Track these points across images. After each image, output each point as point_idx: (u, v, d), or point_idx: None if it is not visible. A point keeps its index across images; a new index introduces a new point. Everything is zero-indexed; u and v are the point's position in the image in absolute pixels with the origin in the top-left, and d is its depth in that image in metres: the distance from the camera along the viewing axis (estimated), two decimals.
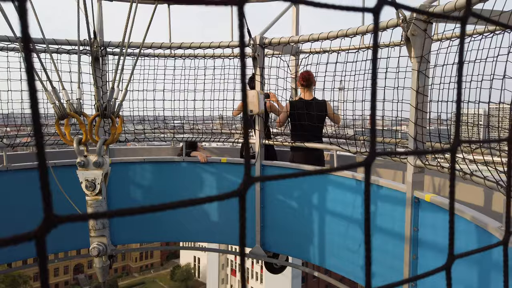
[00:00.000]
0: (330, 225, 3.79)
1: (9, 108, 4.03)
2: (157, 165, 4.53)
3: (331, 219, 3.79)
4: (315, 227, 3.94)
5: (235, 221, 4.55)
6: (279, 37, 4.02)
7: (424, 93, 2.82)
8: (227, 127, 4.87)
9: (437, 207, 2.72)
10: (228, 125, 4.88)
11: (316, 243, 3.95)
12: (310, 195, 3.98)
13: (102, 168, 2.65)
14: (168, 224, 4.50)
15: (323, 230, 3.87)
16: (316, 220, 3.93)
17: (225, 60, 4.59)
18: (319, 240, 3.92)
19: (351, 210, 3.58)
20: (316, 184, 3.89)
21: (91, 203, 2.68)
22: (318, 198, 3.93)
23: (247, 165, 0.39)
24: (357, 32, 3.42)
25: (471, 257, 2.07)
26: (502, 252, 0.52)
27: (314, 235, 3.95)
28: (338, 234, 3.72)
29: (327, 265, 3.86)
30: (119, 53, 3.49)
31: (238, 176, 4.41)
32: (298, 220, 4.07)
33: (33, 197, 4.03)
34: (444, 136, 3.12)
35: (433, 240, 2.84)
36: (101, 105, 2.80)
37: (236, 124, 4.82)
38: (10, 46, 4.04)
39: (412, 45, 2.77)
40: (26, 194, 4.04)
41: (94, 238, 2.74)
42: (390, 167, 4.33)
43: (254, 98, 3.98)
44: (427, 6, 2.70)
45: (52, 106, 2.71)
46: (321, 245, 3.90)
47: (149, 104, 4.64)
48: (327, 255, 3.85)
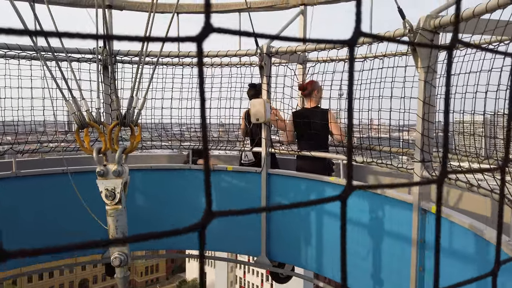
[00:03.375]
0: (336, 235, 3.75)
1: (19, 115, 4.10)
2: (164, 173, 4.55)
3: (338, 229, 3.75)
4: (320, 237, 3.90)
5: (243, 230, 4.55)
6: (286, 46, 4.04)
7: (431, 103, 2.79)
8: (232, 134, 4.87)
9: (444, 219, 2.68)
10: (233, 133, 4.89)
11: (321, 253, 3.91)
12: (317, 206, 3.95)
13: (122, 177, 2.63)
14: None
15: (328, 240, 3.83)
16: (322, 229, 3.89)
17: (232, 68, 4.62)
18: (324, 250, 3.88)
19: (358, 220, 3.55)
20: (322, 193, 3.86)
21: (111, 212, 2.63)
22: (324, 208, 3.90)
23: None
24: (363, 42, 3.42)
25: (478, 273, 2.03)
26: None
27: (319, 244, 3.92)
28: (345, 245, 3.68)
29: (332, 275, 3.82)
30: (138, 62, 3.51)
31: (245, 183, 4.40)
32: (303, 229, 4.05)
33: (41, 202, 4.11)
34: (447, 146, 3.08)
35: (441, 252, 2.79)
36: (120, 114, 2.79)
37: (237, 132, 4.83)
38: (21, 54, 4.11)
39: (418, 55, 2.75)
40: (35, 200, 4.10)
41: (114, 248, 2.70)
42: (394, 176, 4.28)
43: (261, 107, 3.99)
44: (434, 16, 2.69)
45: (72, 116, 2.69)
46: (326, 255, 3.87)
47: (157, 112, 4.69)
48: (332, 265, 3.81)
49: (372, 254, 3.44)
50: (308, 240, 4.00)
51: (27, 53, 4.05)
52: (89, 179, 2.88)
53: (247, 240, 4.41)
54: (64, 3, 4.53)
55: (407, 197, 3.05)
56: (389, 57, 3.79)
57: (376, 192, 3.34)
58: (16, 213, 4.04)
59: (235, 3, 4.78)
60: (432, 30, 2.68)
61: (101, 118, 2.73)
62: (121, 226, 2.55)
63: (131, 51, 4.45)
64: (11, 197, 4.01)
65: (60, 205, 4.09)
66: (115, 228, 2.53)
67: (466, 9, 2.43)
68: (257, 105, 4.01)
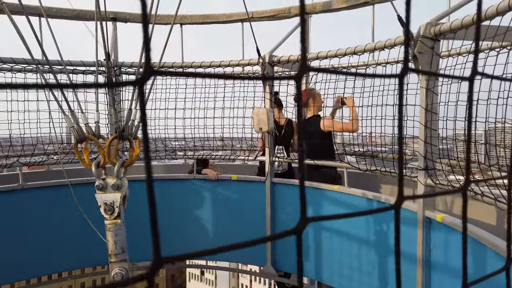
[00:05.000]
0: (342, 244, 3.72)
1: (25, 127, 4.16)
2: (168, 183, 4.56)
3: (343, 238, 3.72)
4: (327, 247, 3.87)
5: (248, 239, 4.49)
6: (288, 55, 4.05)
7: (433, 110, 2.77)
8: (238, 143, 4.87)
9: (449, 228, 2.64)
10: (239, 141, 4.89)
11: (327, 263, 3.88)
12: (322, 213, 3.93)
13: (121, 190, 2.61)
14: (177, 243, 4.46)
15: (335, 249, 3.79)
16: (328, 238, 3.86)
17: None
18: (330, 260, 3.84)
19: (361, 228, 3.51)
20: (328, 201, 3.83)
21: (110, 227, 2.59)
22: None
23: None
24: (365, 49, 3.41)
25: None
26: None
27: (325, 254, 3.88)
28: (350, 254, 3.64)
29: (338, 285, 3.77)
30: (137, 74, 3.55)
31: (249, 192, 4.39)
32: (310, 239, 4.01)
33: (48, 214, 4.14)
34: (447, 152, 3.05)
35: (446, 261, 2.75)
36: (119, 127, 2.78)
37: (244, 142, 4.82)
38: (28, 68, 4.18)
39: (419, 63, 2.74)
40: (41, 212, 4.13)
41: (114, 264, 2.63)
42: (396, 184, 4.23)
43: (264, 116, 3.99)
44: (434, 23, 2.68)
45: (71, 130, 2.68)
46: (333, 265, 3.83)
47: (161, 122, 4.71)
48: (339, 275, 3.76)
49: (376, 263, 3.40)
50: (315, 250, 3.97)
51: (32, 66, 4.11)
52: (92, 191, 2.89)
53: (253, 249, 4.39)
54: (69, 17, 4.61)
55: (411, 205, 3.01)
56: (392, 64, 3.78)
57: (380, 200, 3.31)
58: (22, 225, 4.07)
59: (237, 14, 4.81)
60: (432, 37, 2.67)
61: (100, 131, 2.74)
62: (120, 241, 2.53)
63: (135, 63, 4.50)
64: (18, 209, 4.05)
65: (65, 217, 4.12)
66: (114, 243, 2.51)
67: (465, 16, 2.42)
68: (260, 114, 4.01)
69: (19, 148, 4.16)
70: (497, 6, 2.18)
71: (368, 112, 3.53)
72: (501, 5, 2.16)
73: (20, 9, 2.51)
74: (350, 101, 3.87)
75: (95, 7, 2.71)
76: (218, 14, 4.94)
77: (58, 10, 4.53)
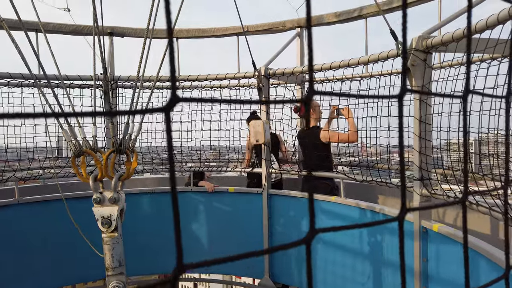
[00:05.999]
0: (340, 256, 3.72)
1: (22, 142, 4.16)
2: (165, 196, 4.55)
3: (340, 250, 3.72)
4: (325, 258, 3.87)
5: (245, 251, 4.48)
6: (283, 68, 4.10)
7: (427, 121, 2.81)
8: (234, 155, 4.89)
9: (445, 237, 2.66)
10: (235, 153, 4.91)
11: (325, 275, 3.87)
12: (319, 223, 3.93)
13: (118, 204, 2.62)
14: (169, 256, 4.44)
15: (333, 261, 3.79)
16: (326, 250, 3.86)
17: (232, 91, 4.68)
18: (328, 272, 3.84)
19: (358, 238, 3.52)
20: (325, 212, 3.85)
21: (107, 240, 2.60)
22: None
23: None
24: (359, 62, 3.47)
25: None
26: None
27: (324, 266, 3.88)
28: (345, 266, 3.64)
29: None
30: (134, 87, 3.55)
31: (246, 204, 4.40)
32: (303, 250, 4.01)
33: (44, 229, 4.11)
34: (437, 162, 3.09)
35: (443, 271, 2.76)
36: (116, 141, 2.80)
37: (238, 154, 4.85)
38: (24, 83, 4.20)
39: (412, 75, 2.80)
40: (37, 226, 4.10)
41: (111, 277, 2.63)
42: (392, 195, 4.27)
43: (260, 128, 4.03)
44: (426, 36, 2.74)
45: (69, 144, 2.69)
46: (331, 277, 3.82)
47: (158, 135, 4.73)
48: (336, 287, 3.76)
49: (372, 273, 3.40)
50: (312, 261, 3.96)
51: (29, 81, 4.13)
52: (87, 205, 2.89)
53: (250, 261, 4.38)
54: (66, 32, 4.65)
55: (408, 215, 3.03)
56: (386, 76, 3.84)
57: (374, 210, 3.34)
58: (18, 239, 4.04)
59: (233, 27, 4.88)
60: (424, 50, 2.73)
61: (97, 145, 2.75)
62: (117, 254, 2.53)
63: (132, 77, 4.53)
64: (14, 224, 4.02)
65: (61, 231, 4.10)
66: (111, 256, 2.51)
67: (456, 29, 2.49)
68: (256, 126, 4.05)
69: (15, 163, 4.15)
70: (486, 20, 2.24)
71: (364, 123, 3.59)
72: (490, 19, 2.22)
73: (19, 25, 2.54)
74: (347, 112, 3.92)
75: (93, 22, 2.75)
76: (214, 28, 5.00)
77: (55, 25, 4.57)
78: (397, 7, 4.11)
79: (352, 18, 4.49)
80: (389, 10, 4.19)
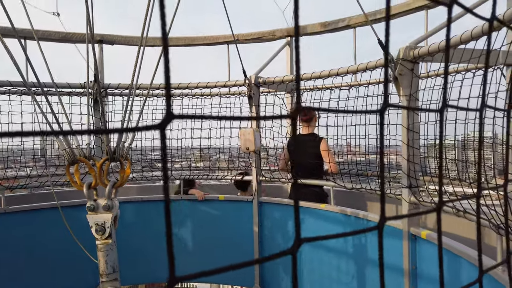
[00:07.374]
0: (330, 264, 3.74)
1: (9, 150, 4.10)
2: (155, 204, 4.53)
3: (330, 257, 3.74)
4: (314, 266, 3.88)
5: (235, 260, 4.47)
6: (273, 77, 4.14)
7: (415, 130, 2.87)
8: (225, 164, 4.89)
9: (434, 244, 2.70)
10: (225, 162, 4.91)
11: (315, 283, 3.88)
12: (308, 232, 3.95)
13: (112, 211, 2.63)
14: (162, 265, 4.40)
15: (323, 270, 3.81)
16: (316, 259, 3.88)
17: (222, 98, 4.70)
18: (319, 280, 3.85)
19: (345, 247, 3.55)
20: (314, 220, 3.87)
21: (101, 247, 2.61)
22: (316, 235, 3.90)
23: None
24: (348, 71, 3.53)
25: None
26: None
27: (313, 274, 3.88)
28: (338, 272, 3.66)
29: None
30: (128, 95, 3.54)
31: (237, 212, 4.40)
32: (297, 259, 4.02)
33: (31, 238, 4.04)
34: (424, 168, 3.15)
35: (432, 278, 2.80)
36: (110, 149, 2.79)
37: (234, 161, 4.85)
38: (12, 90, 4.15)
39: (400, 84, 2.85)
40: (24, 236, 4.03)
41: (106, 283, 2.64)
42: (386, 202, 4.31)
43: (250, 136, 4.04)
44: (413, 47, 2.81)
45: (63, 152, 2.69)
46: (321, 284, 3.83)
47: (148, 143, 4.72)
48: None
49: (361, 282, 3.42)
50: (303, 270, 3.97)
51: (17, 88, 4.09)
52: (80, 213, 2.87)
53: (240, 270, 4.34)
54: (56, 39, 4.63)
55: (396, 222, 3.07)
56: (374, 84, 3.91)
57: (360, 217, 3.38)
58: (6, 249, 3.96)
59: (224, 36, 4.92)
60: (411, 60, 2.79)
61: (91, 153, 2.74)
62: (111, 261, 2.52)
63: (121, 85, 4.52)
64: (1, 234, 3.94)
65: (50, 240, 4.04)
66: (105, 263, 2.50)
67: (442, 40, 2.55)
68: (246, 134, 4.06)
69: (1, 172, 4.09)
70: (471, 31, 2.31)
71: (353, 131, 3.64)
72: (474, 30, 2.29)
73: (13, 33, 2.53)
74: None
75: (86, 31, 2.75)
76: (205, 36, 5.04)
77: (44, 32, 4.55)
78: (383, 18, 4.19)
79: (340, 28, 4.56)
80: (376, 20, 4.28)
